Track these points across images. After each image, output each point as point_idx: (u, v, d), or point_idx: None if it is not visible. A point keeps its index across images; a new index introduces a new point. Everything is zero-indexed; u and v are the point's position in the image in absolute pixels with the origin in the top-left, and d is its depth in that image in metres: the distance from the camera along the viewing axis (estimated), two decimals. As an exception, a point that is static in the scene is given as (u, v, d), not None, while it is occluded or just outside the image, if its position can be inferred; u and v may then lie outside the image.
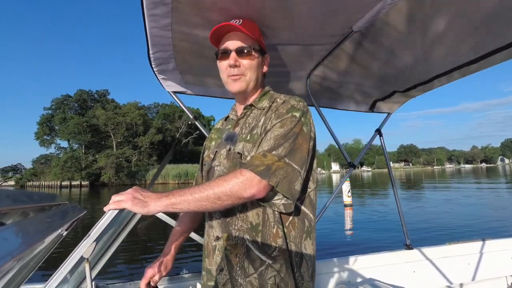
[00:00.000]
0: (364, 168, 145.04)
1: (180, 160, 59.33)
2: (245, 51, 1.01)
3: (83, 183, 53.14)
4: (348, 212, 11.76)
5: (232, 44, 1.02)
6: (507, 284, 1.93)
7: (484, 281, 1.85)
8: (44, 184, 57.00)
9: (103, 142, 61.10)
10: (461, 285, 1.64)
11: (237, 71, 1.02)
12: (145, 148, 58.83)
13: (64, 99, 64.29)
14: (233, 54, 1.01)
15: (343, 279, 1.95)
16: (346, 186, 13.13)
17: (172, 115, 63.84)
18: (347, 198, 13.02)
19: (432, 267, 2.11)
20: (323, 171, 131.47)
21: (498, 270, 2.18)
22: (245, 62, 1.02)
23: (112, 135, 59.59)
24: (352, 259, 2.01)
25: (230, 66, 1.02)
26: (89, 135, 58.00)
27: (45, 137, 63.05)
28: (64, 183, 53.14)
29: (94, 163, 55.25)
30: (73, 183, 53.07)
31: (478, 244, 2.26)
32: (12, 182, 69.23)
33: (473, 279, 2.15)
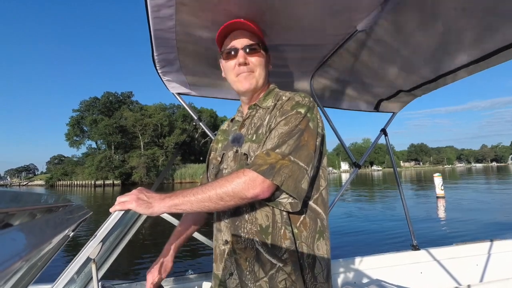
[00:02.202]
0: (375, 167, 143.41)
1: (198, 160, 62.22)
2: (254, 48, 1.01)
3: (115, 182, 55.54)
4: (441, 203, 13.90)
5: (239, 42, 1.01)
6: None
7: (492, 282, 1.82)
8: (76, 183, 59.55)
9: (130, 143, 63.63)
10: (469, 286, 1.61)
11: (247, 69, 1.01)
12: (171, 148, 60.94)
13: (93, 101, 67.14)
14: (241, 52, 1.00)
15: (349, 279, 1.93)
16: (438, 181, 15.35)
17: (191, 116, 64.90)
18: (439, 191, 15.24)
19: (439, 268, 2.09)
20: (335, 171, 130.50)
21: (506, 271, 2.14)
22: (253, 59, 1.01)
23: (139, 135, 62.05)
24: (358, 259, 1.99)
25: (240, 64, 1.01)
26: (118, 135, 60.60)
27: (74, 137, 66.40)
28: (97, 182, 55.76)
29: (124, 163, 57.92)
30: (106, 182, 55.50)
31: (486, 244, 2.22)
32: (39, 182, 71.47)
33: (481, 280, 2.11)
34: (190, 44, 1.36)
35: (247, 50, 1.00)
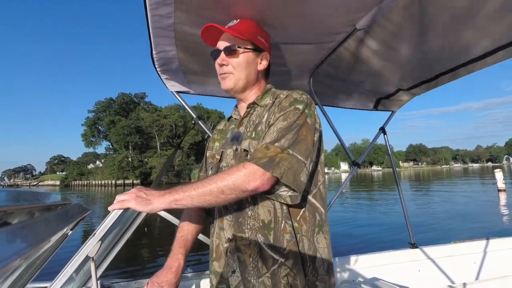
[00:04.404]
0: (374, 167, 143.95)
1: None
2: (231, 50, 1.03)
3: (134, 182, 57.57)
4: (502, 196, 15.98)
5: (221, 44, 1.05)
6: None
7: (490, 280, 1.83)
8: (94, 183, 61.68)
9: (146, 143, 65.46)
10: (466, 284, 1.62)
11: (225, 70, 1.05)
12: (186, 149, 62.70)
13: (109, 103, 69.14)
14: (221, 54, 1.04)
15: (347, 277, 1.94)
16: (500, 176, 17.77)
17: (200, 116, 65.92)
18: (501, 185, 17.59)
19: (437, 266, 2.10)
20: (337, 170, 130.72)
21: (504, 268, 2.16)
22: (231, 60, 1.04)
23: (156, 136, 63.71)
24: (356, 257, 2.00)
25: (219, 65, 1.05)
26: (136, 136, 62.59)
27: (91, 138, 68.72)
28: (118, 182, 58.10)
29: (142, 163, 60.31)
30: (126, 182, 57.73)
31: (483, 243, 2.24)
32: (50, 182, 73.40)
33: (479, 278, 2.13)
34: (189, 42, 1.36)
35: (226, 51, 1.03)
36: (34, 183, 77.78)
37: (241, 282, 0.92)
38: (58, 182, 71.53)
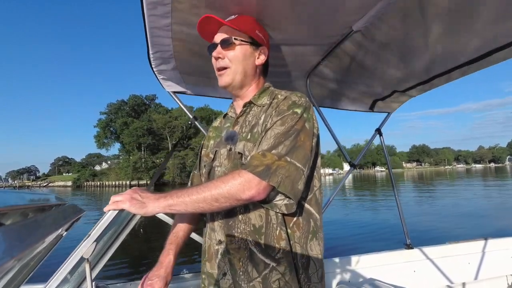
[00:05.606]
0: (378, 168, 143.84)
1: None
2: (228, 42, 1.00)
3: (148, 182, 57.74)
4: None
5: (218, 36, 1.03)
6: (508, 284, 1.93)
7: (484, 280, 1.85)
8: (107, 184, 63.29)
9: (158, 144, 66.80)
10: (461, 284, 1.63)
11: (221, 63, 1.02)
12: (197, 150, 63.49)
13: (120, 105, 70.97)
14: (218, 47, 1.01)
15: (343, 279, 1.95)
16: None
17: (207, 118, 65.68)
18: None
19: (432, 266, 2.11)
20: (341, 171, 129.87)
21: (498, 269, 2.17)
22: (228, 53, 1.01)
23: (167, 137, 64.95)
24: (352, 258, 2.00)
25: (215, 58, 1.02)
26: (149, 137, 63.94)
27: (104, 140, 70.24)
28: (132, 182, 59.68)
29: (154, 163, 61.67)
30: (140, 182, 59.05)
31: (478, 243, 2.25)
32: (61, 182, 74.41)
33: (474, 278, 2.14)
34: (186, 42, 1.36)
35: (223, 44, 1.00)
36: (44, 184, 77.84)
37: (232, 285, 0.90)
38: (69, 183, 71.96)
